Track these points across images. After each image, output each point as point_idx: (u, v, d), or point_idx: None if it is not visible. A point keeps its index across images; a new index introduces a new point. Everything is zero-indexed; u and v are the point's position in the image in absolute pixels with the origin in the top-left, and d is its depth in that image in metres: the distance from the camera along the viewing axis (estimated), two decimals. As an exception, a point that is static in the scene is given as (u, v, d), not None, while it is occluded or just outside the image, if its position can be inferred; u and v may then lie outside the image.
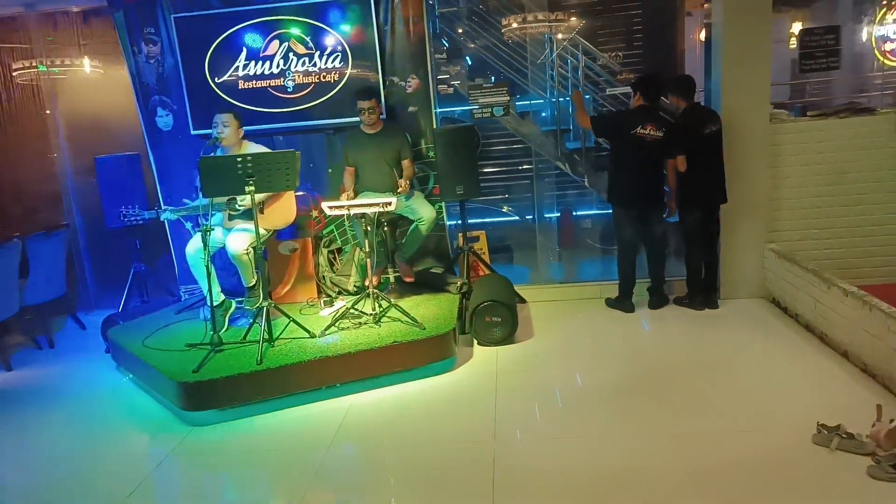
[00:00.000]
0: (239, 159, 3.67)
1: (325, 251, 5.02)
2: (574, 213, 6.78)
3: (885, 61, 7.61)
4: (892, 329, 3.29)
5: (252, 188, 3.73)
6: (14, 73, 5.56)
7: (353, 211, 4.06)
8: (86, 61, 5.57)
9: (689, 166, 4.49)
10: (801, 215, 4.84)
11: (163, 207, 4.16)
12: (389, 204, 4.01)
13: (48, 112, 5.66)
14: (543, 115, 6.17)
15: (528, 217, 6.69)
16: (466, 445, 3.21)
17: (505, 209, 6.68)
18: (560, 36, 5.89)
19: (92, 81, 5.58)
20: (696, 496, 2.61)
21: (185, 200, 4.42)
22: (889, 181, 4.70)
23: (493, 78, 5.84)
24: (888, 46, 7.53)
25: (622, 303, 4.92)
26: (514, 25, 5.96)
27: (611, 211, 4.87)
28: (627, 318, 4.83)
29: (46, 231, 5.01)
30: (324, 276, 4.97)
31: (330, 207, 4.06)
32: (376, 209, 4.02)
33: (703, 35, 6.26)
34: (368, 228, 4.16)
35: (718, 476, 2.74)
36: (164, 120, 5.05)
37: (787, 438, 2.94)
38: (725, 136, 4.61)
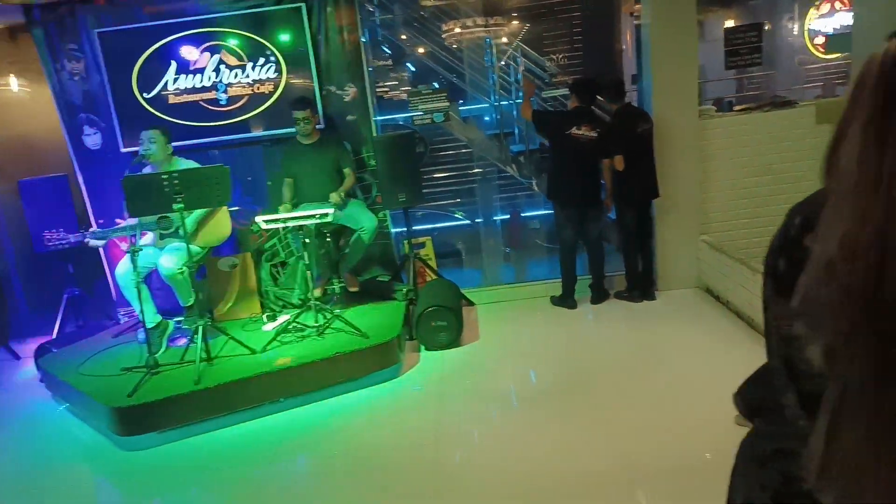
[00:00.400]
0: (165, 176, 3.58)
1: (267, 265, 4.95)
2: (522, 215, 6.86)
3: (817, 54, 7.96)
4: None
5: (181, 206, 3.65)
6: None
7: (290, 223, 4.01)
8: (12, 80, 5.37)
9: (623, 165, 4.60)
10: (732, 206, 5.00)
11: (91, 230, 4.03)
12: (325, 215, 3.97)
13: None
14: (487, 119, 6.22)
15: (477, 220, 6.74)
16: (409, 451, 3.21)
17: (458, 214, 6.70)
18: (501, 40, 5.96)
19: (20, 101, 5.37)
20: (631, 492, 2.66)
21: (118, 220, 4.30)
22: (811, 170, 4.87)
23: (435, 84, 5.86)
24: (819, 40, 7.88)
25: (565, 300, 4.99)
26: (455, 31, 6.00)
27: None
28: (570, 316, 4.90)
29: (-29, 259, 4.81)
30: (267, 291, 4.90)
31: (265, 221, 4.00)
32: (312, 221, 3.98)
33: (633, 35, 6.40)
34: (307, 241, 4.11)
35: (650, 470, 2.81)
36: (92, 139, 4.90)
37: (714, 423, 3.01)
38: (657, 133, 4.73)
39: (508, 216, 6.73)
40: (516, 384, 3.88)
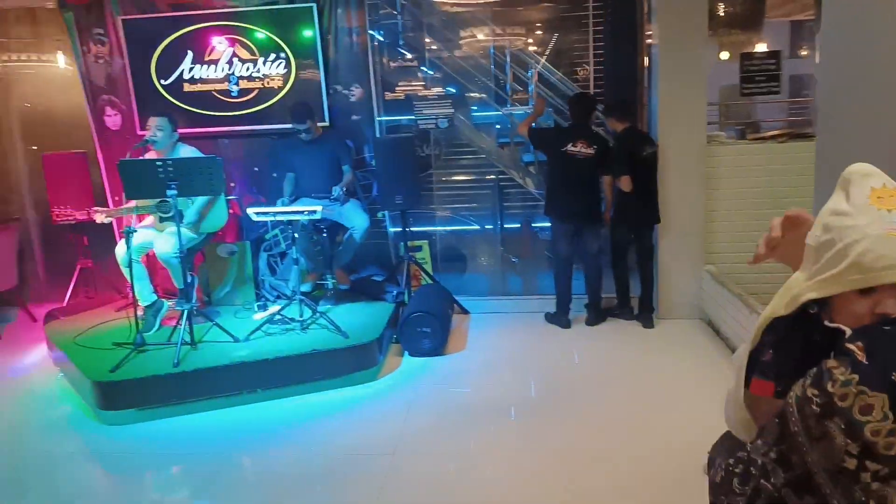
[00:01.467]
0: (159, 163, 3.71)
1: (265, 255, 5.06)
2: (533, 225, 6.81)
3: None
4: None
5: (174, 192, 3.77)
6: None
7: (279, 217, 4.09)
8: (41, 57, 5.53)
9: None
10: (739, 238, 4.83)
11: (95, 208, 4.21)
12: (315, 212, 4.04)
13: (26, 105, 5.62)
14: (498, 126, 6.18)
15: (486, 227, 6.71)
16: (363, 458, 3.24)
17: (471, 219, 6.70)
18: (520, 50, 5.88)
19: (50, 78, 5.58)
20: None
21: (129, 201, 4.47)
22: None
23: (450, 89, 5.86)
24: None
25: (558, 318, 4.94)
26: (473, 38, 5.97)
27: None
28: (562, 334, 4.84)
29: (-7, 225, 5.09)
30: (263, 280, 5.01)
31: (256, 213, 4.10)
32: (301, 217, 4.06)
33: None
34: (296, 235, 4.19)
35: (601, 500, 2.76)
36: (113, 119, 5.12)
37: (680, 464, 2.94)
38: (663, 156, 4.63)
39: (519, 225, 6.69)
40: (488, 400, 3.85)
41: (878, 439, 0.55)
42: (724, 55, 6.60)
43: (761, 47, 6.13)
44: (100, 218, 4.22)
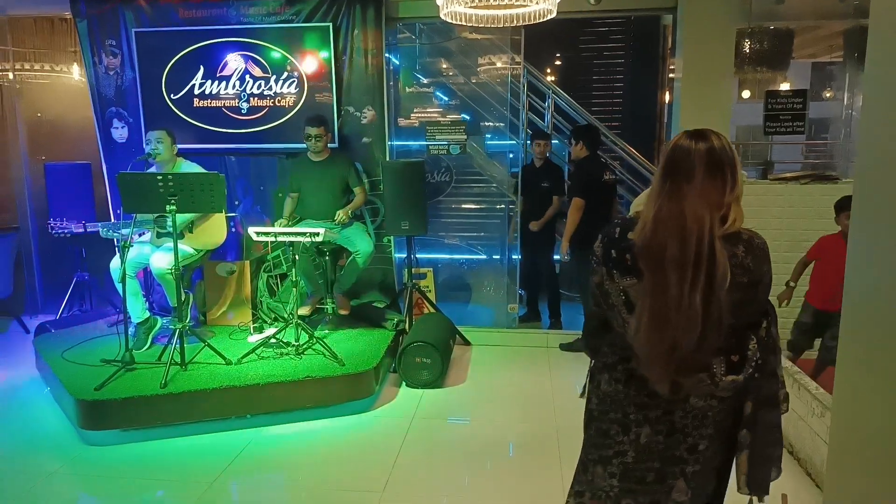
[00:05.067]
0: (160, 178, 3.61)
1: (265, 276, 4.93)
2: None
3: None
4: (816, 412, 3.11)
5: (174, 208, 3.66)
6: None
7: (281, 238, 3.96)
8: (52, 67, 5.51)
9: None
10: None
11: (87, 223, 4.12)
12: (317, 234, 3.91)
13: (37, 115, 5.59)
14: (511, 155, 6.08)
15: (494, 257, 6.57)
16: (352, 495, 3.07)
17: (478, 248, 6.56)
18: (537, 80, 5.83)
19: (57, 87, 5.54)
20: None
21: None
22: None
23: (465, 116, 5.78)
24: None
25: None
26: (490, 66, 5.92)
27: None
28: (566, 369, 4.65)
29: (-10, 232, 5.00)
30: (261, 301, 4.87)
31: (257, 233, 3.97)
32: (303, 239, 3.93)
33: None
34: (297, 257, 4.06)
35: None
36: (120, 132, 5.04)
37: None
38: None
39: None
40: (483, 435, 3.67)
41: (596, 249, 1.61)
42: (746, 94, 6.51)
43: (785, 87, 6.01)
44: (105, 233, 4.13)
